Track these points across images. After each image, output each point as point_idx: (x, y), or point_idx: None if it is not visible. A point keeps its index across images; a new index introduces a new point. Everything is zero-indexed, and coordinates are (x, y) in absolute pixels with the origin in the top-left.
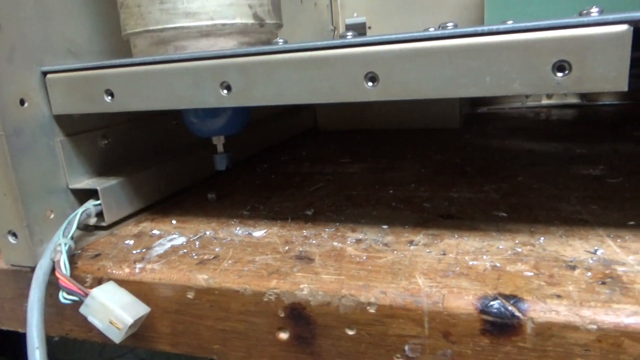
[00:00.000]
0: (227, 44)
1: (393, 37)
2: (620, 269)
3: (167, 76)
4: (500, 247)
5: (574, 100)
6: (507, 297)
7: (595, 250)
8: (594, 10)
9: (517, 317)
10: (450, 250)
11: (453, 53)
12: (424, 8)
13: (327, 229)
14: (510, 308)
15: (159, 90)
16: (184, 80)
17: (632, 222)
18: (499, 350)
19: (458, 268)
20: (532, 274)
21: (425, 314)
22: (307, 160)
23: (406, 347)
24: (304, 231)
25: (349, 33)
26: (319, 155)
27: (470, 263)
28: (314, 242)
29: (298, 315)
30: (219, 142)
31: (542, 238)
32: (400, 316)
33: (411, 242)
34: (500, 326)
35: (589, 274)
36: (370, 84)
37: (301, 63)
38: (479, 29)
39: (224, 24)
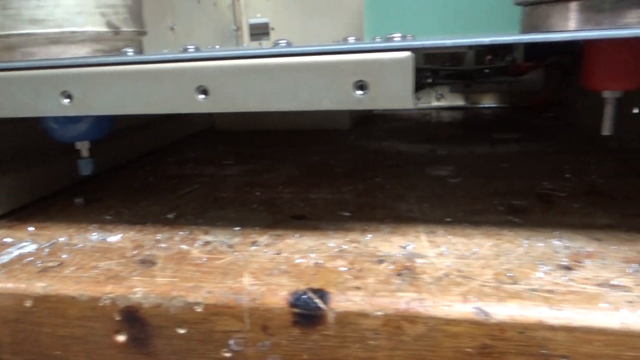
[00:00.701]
0: (79, 52)
1: (221, 53)
2: (418, 261)
3: (7, 84)
4: (331, 245)
5: (460, 102)
6: (316, 291)
7: (407, 246)
8: (397, 36)
9: (321, 309)
10: (285, 250)
11: (272, 70)
12: (326, 11)
13: (181, 232)
14: (316, 301)
15: (0, 98)
16: (24, 89)
17: (449, 219)
18: (308, 339)
19: (284, 266)
20: (346, 269)
21: (245, 310)
22: (191, 162)
23: (231, 342)
24: (159, 235)
25: (190, 47)
26: (205, 156)
27: (297, 261)
28: (163, 245)
29: (133, 318)
30: (83, 147)
31: (369, 235)
32: (224, 313)
33: (254, 243)
34: (308, 317)
35: (391, 267)
36: (202, 96)
37: (137, 75)
38: (294, 49)
39: (73, 32)
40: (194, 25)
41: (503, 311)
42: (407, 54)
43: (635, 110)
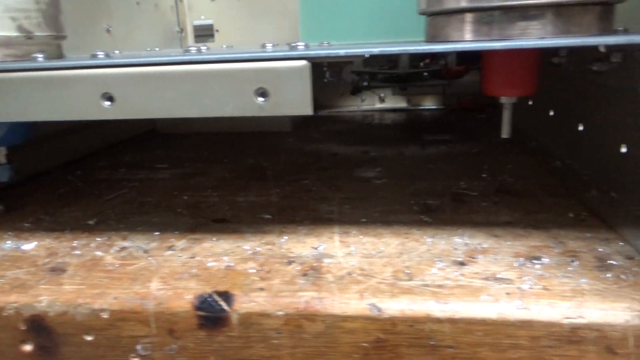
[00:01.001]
0: None
1: (126, 60)
2: (326, 261)
3: None
4: (246, 247)
5: (402, 104)
6: (221, 294)
7: (319, 247)
8: (300, 44)
9: (225, 311)
10: (200, 253)
11: (176, 78)
12: (270, 14)
13: (99, 239)
14: (220, 303)
15: None
16: None
17: (364, 219)
18: (213, 340)
19: (195, 270)
20: (255, 271)
21: (151, 315)
22: (125, 166)
23: (138, 347)
24: (75, 242)
25: (100, 53)
26: (140, 160)
27: (209, 264)
28: (78, 252)
29: (38, 327)
30: None
31: (286, 237)
32: (131, 319)
33: (171, 248)
34: (213, 320)
35: (299, 267)
36: (107, 103)
37: (42, 81)
38: (196, 57)
39: None
40: (133, 27)
41: (395, 306)
42: (303, 62)
43: (551, 113)
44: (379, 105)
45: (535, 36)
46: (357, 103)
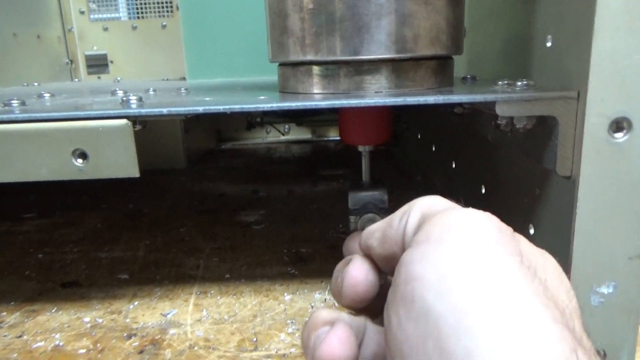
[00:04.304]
0: None
1: None
2: (171, 332)
3: None
4: (86, 319)
5: (307, 136)
6: None
7: (169, 313)
8: (118, 99)
9: None
10: (31, 330)
11: None
12: (164, 45)
13: None
14: None
15: None
16: None
17: (228, 275)
18: None
19: (16, 354)
20: (84, 351)
21: None
22: None
23: None
24: None
25: None
26: (7, 209)
27: (35, 345)
28: None
29: None
30: None
31: (136, 302)
32: None
33: None
34: None
35: (137, 343)
36: None
37: None
38: (3, 117)
39: None
40: (10, 60)
41: None
42: (123, 122)
43: (433, 149)
44: (284, 137)
45: (372, 90)
46: (262, 135)
